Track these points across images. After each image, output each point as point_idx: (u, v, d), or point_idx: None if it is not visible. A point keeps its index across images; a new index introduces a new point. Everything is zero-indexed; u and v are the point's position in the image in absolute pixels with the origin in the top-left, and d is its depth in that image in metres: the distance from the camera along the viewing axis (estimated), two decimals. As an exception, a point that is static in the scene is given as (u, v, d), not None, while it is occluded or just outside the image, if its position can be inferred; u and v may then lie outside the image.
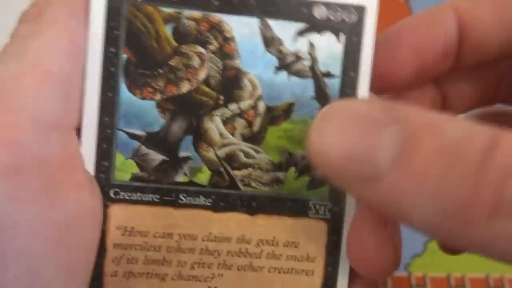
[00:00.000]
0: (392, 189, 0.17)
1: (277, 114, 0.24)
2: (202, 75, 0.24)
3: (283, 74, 0.24)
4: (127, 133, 0.23)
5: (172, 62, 0.23)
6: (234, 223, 0.24)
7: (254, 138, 0.24)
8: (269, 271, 0.24)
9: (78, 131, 0.23)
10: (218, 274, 0.24)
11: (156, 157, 0.24)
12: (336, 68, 0.24)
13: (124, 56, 0.23)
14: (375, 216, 0.23)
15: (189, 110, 0.24)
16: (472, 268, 0.43)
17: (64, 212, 0.21)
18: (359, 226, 0.24)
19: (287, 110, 0.24)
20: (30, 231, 0.20)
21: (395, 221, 0.24)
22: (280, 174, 0.24)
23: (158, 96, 0.23)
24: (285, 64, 0.24)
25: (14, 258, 0.20)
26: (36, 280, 0.21)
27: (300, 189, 0.24)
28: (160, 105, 0.23)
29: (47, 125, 0.21)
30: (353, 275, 0.25)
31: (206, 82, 0.24)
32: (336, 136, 0.18)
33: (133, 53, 0.23)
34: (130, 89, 0.23)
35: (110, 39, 0.23)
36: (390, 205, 0.18)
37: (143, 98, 0.23)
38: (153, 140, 0.23)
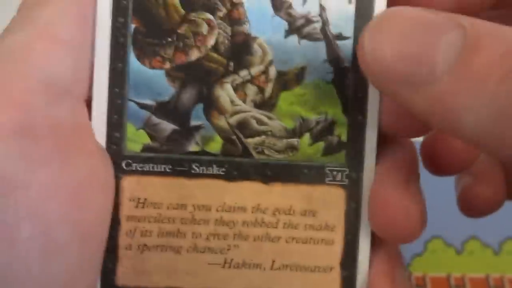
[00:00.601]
0: (447, 92, 0.17)
1: (288, 79, 0.23)
2: (211, 41, 0.23)
3: (294, 38, 0.23)
4: (137, 103, 0.23)
5: (180, 30, 0.23)
6: (248, 192, 0.23)
7: (266, 104, 0.23)
8: (286, 241, 0.24)
9: (88, 104, 0.23)
10: (234, 245, 0.23)
11: (167, 126, 0.23)
12: (348, 29, 0.23)
13: (132, 25, 0.23)
14: (399, 175, 0.22)
15: (199, 78, 0.23)
16: (472, 268, 0.43)
17: (75, 176, 0.21)
18: (382, 187, 0.23)
19: (299, 74, 0.23)
20: (42, 192, 0.20)
21: (417, 177, 0.23)
22: (294, 141, 0.23)
23: (167, 65, 0.23)
24: (295, 27, 0.23)
25: (27, 218, 0.20)
26: (50, 241, 0.20)
27: (316, 155, 0.23)
28: (169, 74, 0.23)
29: (57, 91, 0.21)
30: (375, 244, 0.24)
31: (215, 49, 0.23)
32: (392, 37, 0.18)
33: (142, 23, 0.23)
34: (139, 58, 0.23)
35: (118, 9, 0.23)
36: (440, 110, 0.18)
37: (153, 68, 0.23)
38: (164, 109, 0.23)
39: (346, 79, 0.23)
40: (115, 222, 0.23)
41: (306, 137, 0.23)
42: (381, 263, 0.23)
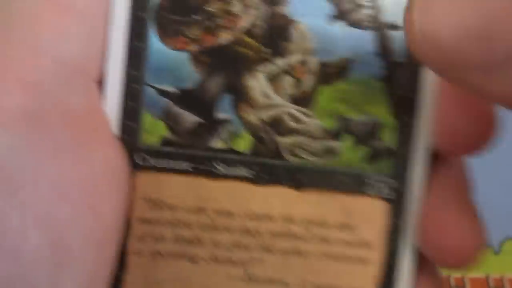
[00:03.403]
0: None
1: (331, 72, 0.20)
2: (244, 23, 0.20)
3: (340, 25, 0.20)
4: (156, 89, 0.20)
5: (210, 8, 0.20)
6: (278, 199, 0.20)
7: (303, 99, 0.20)
8: (317, 258, 0.21)
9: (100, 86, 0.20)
10: (258, 258, 0.21)
11: (190, 118, 0.20)
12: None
13: (155, -1, 0.20)
14: (456, 196, 0.20)
15: (228, 64, 0.20)
16: (472, 268, 0.43)
17: (90, 170, 0.18)
18: (438, 208, 0.20)
19: (343, 68, 0.20)
20: (53, 190, 0.17)
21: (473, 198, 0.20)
22: (334, 143, 0.20)
23: (193, 47, 0.20)
24: (343, 12, 0.20)
25: (35, 223, 0.17)
26: (61, 251, 0.17)
27: (358, 162, 0.20)
28: (195, 58, 0.20)
29: (69, 69, 0.19)
30: (420, 268, 0.21)
31: (249, 31, 0.20)
32: (447, 9, 0.13)
33: (166, -3, 0.20)
34: (161, 38, 0.20)
35: None
36: None
37: (176, 49, 0.20)
38: (187, 98, 0.20)
39: (398, 75, 0.20)
40: (125, 224, 0.20)
41: (348, 140, 0.20)
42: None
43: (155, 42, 0.20)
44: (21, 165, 0.17)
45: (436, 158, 0.20)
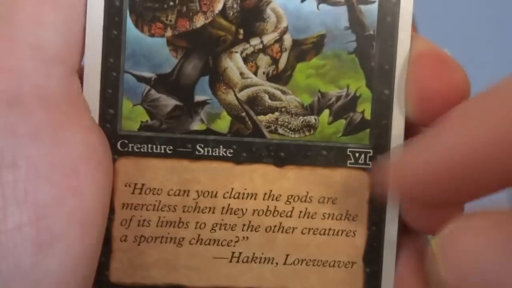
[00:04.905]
0: None
1: (306, 48, 0.21)
2: (218, 6, 0.20)
3: (312, 2, 0.20)
4: (134, 75, 0.20)
5: (183, -7, 0.20)
6: (259, 176, 0.21)
7: (280, 77, 0.21)
8: (302, 232, 0.21)
9: (80, 77, 0.20)
10: (243, 237, 0.21)
11: (168, 102, 0.21)
12: None
13: (130, -12, 0.20)
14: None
15: (204, 47, 0.20)
16: None
17: (72, 153, 0.18)
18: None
19: (318, 43, 0.20)
20: (33, 172, 0.18)
21: None
22: (312, 118, 0.21)
23: (169, 32, 0.20)
24: None
25: (16, 204, 0.17)
26: (43, 231, 0.18)
27: (336, 135, 0.21)
28: (171, 43, 0.20)
29: (47, 58, 0.19)
30: (402, 235, 0.21)
31: (223, 14, 0.20)
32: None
33: (140, -15, 0.20)
34: (137, 25, 0.20)
35: None
36: None
37: (152, 35, 0.20)
38: (165, 82, 0.20)
39: (371, 48, 0.20)
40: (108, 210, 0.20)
41: (325, 114, 0.21)
42: (410, 256, 0.21)
43: (131, 30, 0.20)
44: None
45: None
